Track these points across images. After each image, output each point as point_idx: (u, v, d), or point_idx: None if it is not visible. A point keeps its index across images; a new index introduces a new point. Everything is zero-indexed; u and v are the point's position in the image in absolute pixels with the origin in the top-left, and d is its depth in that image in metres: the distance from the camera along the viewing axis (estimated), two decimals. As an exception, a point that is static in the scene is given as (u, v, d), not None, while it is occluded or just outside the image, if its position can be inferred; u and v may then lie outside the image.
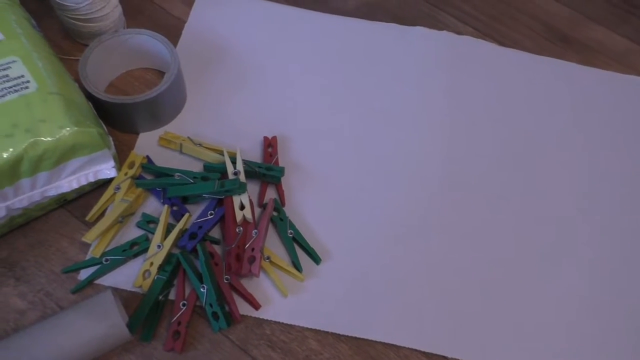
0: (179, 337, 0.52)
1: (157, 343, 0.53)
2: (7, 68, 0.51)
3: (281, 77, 0.69)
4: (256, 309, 0.54)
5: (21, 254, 0.56)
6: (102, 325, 0.48)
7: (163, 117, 0.63)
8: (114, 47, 0.63)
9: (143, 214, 0.58)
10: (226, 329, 0.53)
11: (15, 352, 0.47)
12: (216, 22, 0.72)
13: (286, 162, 0.63)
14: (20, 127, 0.48)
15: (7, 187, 0.49)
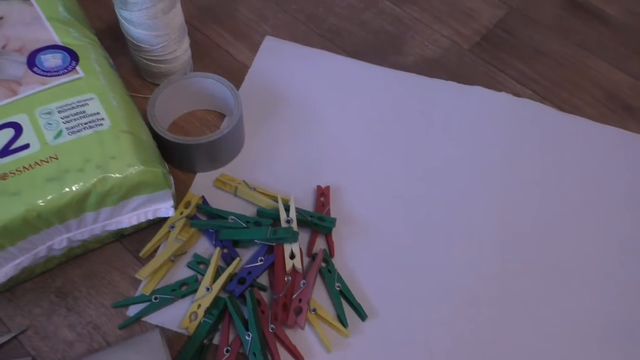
0: (220, 384, 0.52)
1: (198, 388, 0.52)
2: (85, 104, 0.53)
3: (338, 127, 0.70)
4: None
5: (74, 284, 0.57)
6: (148, 366, 0.48)
7: (221, 159, 0.65)
8: (181, 89, 0.66)
9: (194, 255, 0.58)
10: (268, 380, 0.53)
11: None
12: (278, 69, 0.74)
13: (338, 213, 0.63)
14: (91, 163, 0.50)
15: (72, 220, 0.51)
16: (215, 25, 0.78)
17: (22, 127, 0.51)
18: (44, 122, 0.51)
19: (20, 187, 0.48)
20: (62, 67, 0.55)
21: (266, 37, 0.77)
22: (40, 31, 0.57)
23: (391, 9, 0.82)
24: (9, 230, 0.47)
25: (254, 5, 0.80)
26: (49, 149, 0.50)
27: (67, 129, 0.51)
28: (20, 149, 0.49)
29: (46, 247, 0.52)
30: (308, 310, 0.55)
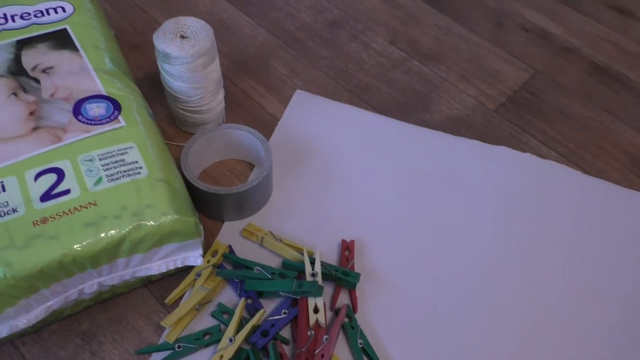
0: None
1: None
2: (125, 153, 0.55)
3: (364, 182, 0.71)
4: (319, 420, 0.53)
5: (100, 328, 0.57)
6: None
7: (249, 209, 0.66)
8: (214, 139, 0.68)
9: (219, 304, 0.59)
10: None
11: None
12: (307, 122, 0.77)
13: (362, 268, 0.63)
14: (128, 210, 0.51)
15: (105, 265, 0.52)
16: (248, 79, 0.81)
17: (64, 172, 0.53)
18: (85, 168, 0.53)
19: (59, 231, 0.49)
20: (105, 116, 0.58)
21: (296, 90, 0.80)
22: (87, 81, 0.60)
23: (418, 67, 0.85)
24: (45, 273, 0.48)
25: (286, 60, 0.84)
26: (88, 195, 0.52)
27: (107, 176, 0.53)
28: (61, 194, 0.51)
29: (77, 291, 0.53)
30: (330, 366, 0.55)
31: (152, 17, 0.87)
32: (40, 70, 0.60)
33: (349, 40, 0.87)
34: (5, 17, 0.65)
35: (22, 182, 0.52)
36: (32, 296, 0.49)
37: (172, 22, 0.65)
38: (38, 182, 0.52)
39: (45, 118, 0.57)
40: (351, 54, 0.85)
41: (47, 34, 0.64)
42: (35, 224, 0.49)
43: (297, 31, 0.88)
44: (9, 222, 0.49)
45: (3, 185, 0.51)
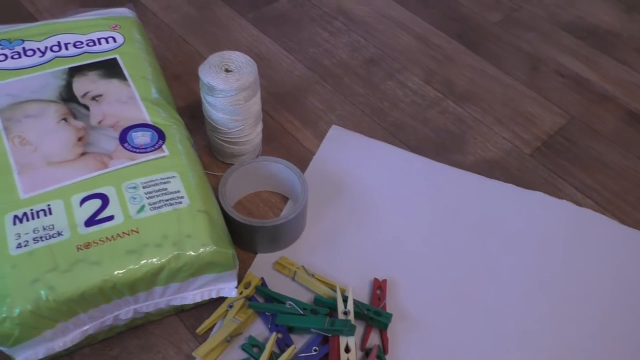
0: None
1: None
2: (167, 182, 0.56)
3: (397, 220, 0.71)
4: None
5: (130, 355, 0.57)
6: None
7: (282, 242, 0.66)
8: (251, 170, 0.69)
9: (249, 337, 0.59)
10: None
11: None
12: (341, 157, 0.77)
13: (393, 308, 0.63)
14: (169, 239, 0.52)
15: (142, 292, 0.52)
16: (285, 112, 0.82)
17: (109, 199, 0.54)
18: (129, 196, 0.54)
19: (102, 257, 0.50)
20: (150, 145, 0.59)
21: (332, 126, 0.81)
22: (134, 110, 0.62)
23: (454, 108, 0.85)
24: (85, 298, 0.49)
25: (322, 95, 0.85)
26: (131, 223, 0.52)
27: (150, 204, 0.54)
28: (105, 220, 0.52)
29: (113, 317, 0.53)
30: (359, 409, 0.54)
31: (194, 48, 0.90)
32: (90, 98, 0.62)
33: (385, 78, 0.89)
34: (59, 45, 0.67)
35: (68, 206, 0.53)
36: (70, 320, 0.50)
37: (217, 55, 0.67)
38: (83, 207, 0.53)
39: (93, 144, 0.58)
40: (387, 92, 0.87)
41: (97, 62, 0.66)
42: (79, 249, 0.50)
43: (334, 67, 0.90)
44: (54, 246, 0.50)
45: (50, 208, 0.53)
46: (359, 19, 0.98)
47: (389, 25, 0.98)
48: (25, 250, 0.50)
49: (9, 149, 0.57)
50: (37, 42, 0.67)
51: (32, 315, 0.47)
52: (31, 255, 0.49)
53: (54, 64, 0.65)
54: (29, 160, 0.56)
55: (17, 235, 0.51)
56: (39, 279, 0.48)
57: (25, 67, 0.64)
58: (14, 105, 0.60)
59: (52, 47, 0.67)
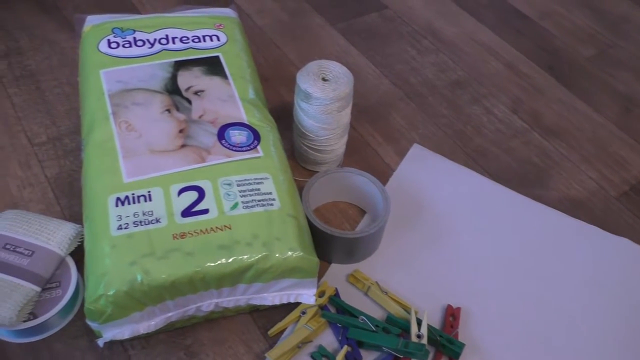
0: None
1: None
2: (260, 183, 0.57)
3: (474, 248, 0.70)
4: None
5: (202, 346, 0.59)
6: None
7: (357, 256, 0.66)
8: (334, 180, 0.69)
9: (320, 347, 0.59)
10: None
11: None
12: (421, 177, 0.77)
13: (465, 338, 0.62)
14: (259, 239, 0.53)
15: (226, 288, 0.53)
16: (369, 126, 0.82)
17: (205, 192, 0.55)
18: (224, 192, 0.56)
19: (195, 248, 0.51)
20: (246, 144, 0.61)
21: (414, 144, 0.81)
22: (233, 108, 0.64)
23: (539, 141, 0.83)
24: (175, 286, 0.50)
25: (406, 113, 0.85)
26: (224, 218, 0.54)
27: (243, 202, 0.55)
28: (200, 213, 0.54)
29: (195, 307, 0.54)
30: None
31: (284, 53, 0.92)
32: (193, 92, 0.65)
33: (470, 102, 0.88)
34: (167, 38, 0.70)
35: (167, 195, 0.55)
36: (157, 305, 0.52)
37: (316, 63, 0.68)
38: (181, 198, 0.55)
39: (192, 137, 0.60)
40: (471, 117, 0.86)
41: (201, 59, 0.68)
42: (174, 237, 0.52)
43: (420, 85, 0.89)
44: (152, 231, 0.52)
45: (150, 195, 0.55)
46: (448, 40, 0.98)
47: (478, 50, 0.97)
48: (125, 233, 0.52)
49: (116, 133, 0.59)
50: (146, 34, 0.70)
51: (126, 296, 0.49)
52: (130, 238, 0.51)
53: (161, 56, 0.68)
54: (133, 146, 0.59)
55: (119, 217, 0.53)
56: (136, 262, 0.50)
57: (135, 56, 0.67)
58: (124, 91, 0.63)
59: (161, 39, 0.70)
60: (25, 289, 0.55)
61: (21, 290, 0.54)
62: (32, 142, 0.74)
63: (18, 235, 0.58)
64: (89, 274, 0.51)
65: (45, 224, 0.59)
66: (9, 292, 0.54)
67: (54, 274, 0.58)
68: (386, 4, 1.03)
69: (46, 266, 0.57)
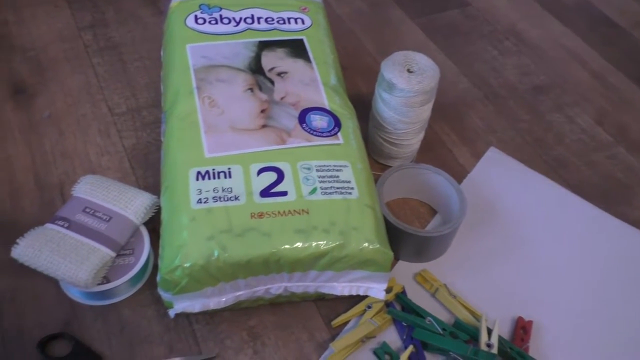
0: None
1: None
2: (339, 170, 0.56)
3: (548, 261, 0.66)
4: None
5: (266, 329, 0.58)
6: None
7: (426, 255, 0.64)
8: (409, 175, 0.67)
9: (383, 343, 0.57)
10: None
11: None
12: (497, 182, 0.74)
13: (534, 353, 0.59)
14: (336, 227, 0.52)
15: (298, 273, 0.53)
16: (445, 125, 0.80)
17: (284, 174, 0.55)
18: (303, 176, 0.55)
19: (272, 229, 0.51)
20: (326, 130, 0.59)
21: (490, 147, 0.78)
22: (315, 93, 0.63)
23: (624, 155, 0.79)
24: (250, 265, 0.50)
25: (485, 114, 0.82)
26: (303, 202, 0.53)
27: (322, 188, 0.54)
28: (278, 194, 0.53)
29: (265, 289, 0.54)
30: None
31: (362, 44, 0.90)
32: (276, 73, 0.64)
33: (552, 109, 0.84)
34: (252, 18, 0.70)
35: (247, 174, 0.54)
36: (229, 282, 0.51)
37: (402, 54, 0.66)
38: (260, 177, 0.54)
39: (274, 119, 0.60)
40: (553, 124, 0.82)
41: (286, 40, 0.68)
42: (252, 217, 0.51)
43: (500, 88, 0.86)
44: (230, 208, 0.52)
45: (230, 172, 0.54)
46: (532, 42, 0.94)
47: (563, 55, 0.92)
48: (205, 207, 0.52)
49: (199, 108, 0.59)
50: (232, 12, 0.70)
51: (202, 270, 0.49)
52: (209, 213, 0.51)
53: (246, 35, 0.68)
54: (215, 122, 0.58)
55: (199, 191, 0.53)
56: (214, 237, 0.50)
57: (221, 33, 0.67)
58: (208, 67, 0.63)
59: (246, 18, 0.69)
60: (102, 253, 0.56)
61: (98, 253, 0.55)
62: (112, 111, 0.76)
63: (97, 200, 0.59)
64: (166, 245, 0.51)
65: (123, 191, 0.60)
66: (87, 255, 0.55)
67: (128, 242, 0.59)
68: (469, 1, 1.00)
69: (122, 233, 0.58)
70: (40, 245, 0.55)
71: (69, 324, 0.57)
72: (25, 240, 0.55)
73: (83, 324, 0.57)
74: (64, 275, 0.54)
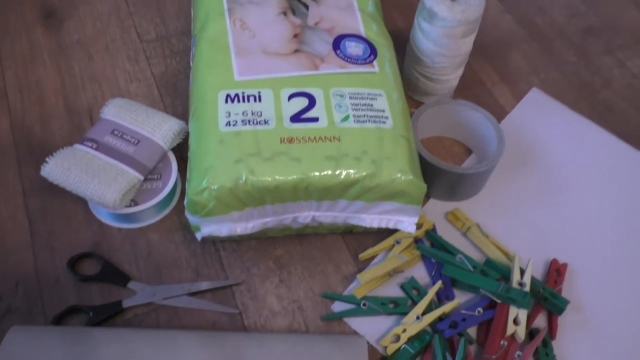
0: (404, 421, 0.48)
1: (378, 413, 0.50)
2: (373, 99, 0.54)
3: (586, 205, 0.64)
4: None
5: (292, 259, 0.58)
6: (349, 371, 0.47)
7: (459, 194, 0.62)
8: (445, 112, 0.64)
9: (411, 278, 0.56)
10: None
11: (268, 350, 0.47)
12: (537, 124, 0.70)
13: (568, 295, 0.57)
14: (368, 156, 0.50)
15: (327, 201, 0.51)
16: (485, 63, 0.76)
17: (315, 100, 0.53)
18: (335, 102, 0.53)
19: (302, 155, 0.49)
20: (361, 58, 0.57)
21: (533, 88, 0.74)
22: (350, 19, 0.60)
23: (677, 102, 0.74)
24: (278, 191, 0.49)
25: (528, 54, 0.77)
26: (334, 129, 0.51)
27: (354, 116, 0.52)
28: (309, 120, 0.51)
29: (292, 217, 0.53)
30: (516, 386, 0.50)
31: (401, -24, 0.86)
32: (311, -2, 0.61)
33: (602, 53, 0.78)
34: (287, -60, 0.66)
35: (277, 98, 0.52)
36: (257, 207, 0.50)
37: (444, -18, 0.62)
38: (291, 103, 0.52)
39: (307, 44, 0.57)
40: (601, 68, 0.77)
41: (321, -35, 0.64)
42: (282, 141, 0.50)
43: (546, 27, 0.81)
44: (259, 132, 0.50)
45: (260, 95, 0.53)
46: (584, -19, 0.88)
47: (617, -5, 0.86)
48: (234, 130, 0.50)
49: (230, 30, 0.57)
50: None
51: (229, 193, 0.48)
52: (238, 135, 0.50)
53: (280, -42, 0.64)
54: (246, 45, 0.56)
55: (227, 114, 0.51)
56: (243, 160, 0.48)
57: (254, -45, 0.64)
58: (240, -11, 0.61)
59: (281, -59, 0.66)
60: (130, 175, 0.55)
61: (126, 175, 0.55)
62: (142, 38, 0.74)
63: (125, 123, 0.58)
64: (193, 168, 0.51)
65: (151, 115, 0.59)
66: (115, 176, 0.54)
67: (156, 167, 0.58)
68: None
69: (150, 156, 0.57)
70: (69, 165, 0.54)
71: (97, 245, 0.57)
72: (55, 159, 0.55)
73: (111, 245, 0.57)
74: (93, 195, 0.54)
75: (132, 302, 0.53)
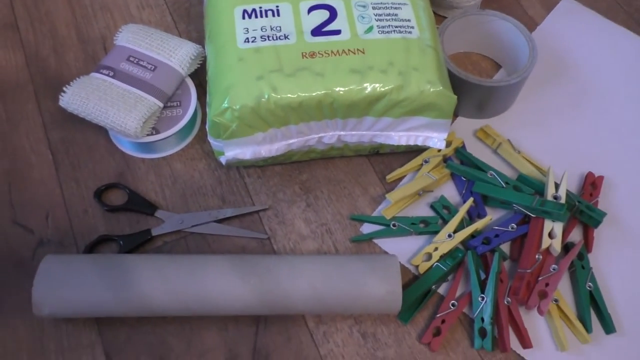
0: (438, 335, 0.48)
1: (412, 328, 0.50)
2: (398, 8, 0.51)
3: (622, 117, 0.61)
4: (525, 347, 0.48)
5: (318, 183, 0.57)
6: (382, 288, 0.46)
7: (489, 110, 0.60)
8: (472, 24, 0.61)
9: (441, 197, 0.55)
10: (489, 351, 0.48)
11: (298, 271, 0.47)
12: (569, 35, 0.66)
13: (604, 208, 0.55)
14: (394, 67, 0.47)
15: (353, 119, 0.49)
16: (514, -29, 0.71)
17: (337, 12, 0.50)
18: (358, 14, 0.50)
19: (325, 69, 0.47)
20: (383, -34, 0.53)
21: (565, -3, 0.69)
22: None
23: None
24: (302, 108, 0.47)
25: (560, -40, 0.72)
26: (357, 41, 0.48)
27: (378, 27, 0.49)
28: (331, 33, 0.49)
29: (317, 138, 0.51)
30: (552, 298, 0.49)
31: None
32: None
33: (640, -46, 0.73)
34: None
35: (296, 12, 0.50)
36: (281, 128, 0.49)
37: None
38: (311, 16, 0.50)
39: (324, -46, 0.54)
40: (639, -30, 0.71)
41: None
42: (303, 56, 0.47)
43: None
44: (280, 47, 0.48)
45: (278, 10, 0.50)
46: None
47: None
48: (253, 46, 0.48)
49: (242, -57, 0.54)
50: None
51: (252, 112, 0.47)
52: (258, 52, 0.48)
53: None
54: (260, -42, 0.53)
55: (246, 30, 0.49)
56: (264, 76, 0.46)
57: None
58: None
59: None
60: (149, 102, 0.54)
61: (145, 102, 0.54)
62: (150, -36, 0.71)
63: (141, 49, 0.56)
64: (213, 90, 0.49)
65: (167, 40, 0.57)
66: (134, 103, 0.53)
67: (175, 94, 0.57)
68: None
69: (168, 82, 0.55)
70: (87, 94, 0.53)
71: (122, 176, 0.57)
72: (72, 89, 0.54)
73: (136, 176, 0.57)
74: (113, 123, 0.53)
75: (161, 230, 0.53)
